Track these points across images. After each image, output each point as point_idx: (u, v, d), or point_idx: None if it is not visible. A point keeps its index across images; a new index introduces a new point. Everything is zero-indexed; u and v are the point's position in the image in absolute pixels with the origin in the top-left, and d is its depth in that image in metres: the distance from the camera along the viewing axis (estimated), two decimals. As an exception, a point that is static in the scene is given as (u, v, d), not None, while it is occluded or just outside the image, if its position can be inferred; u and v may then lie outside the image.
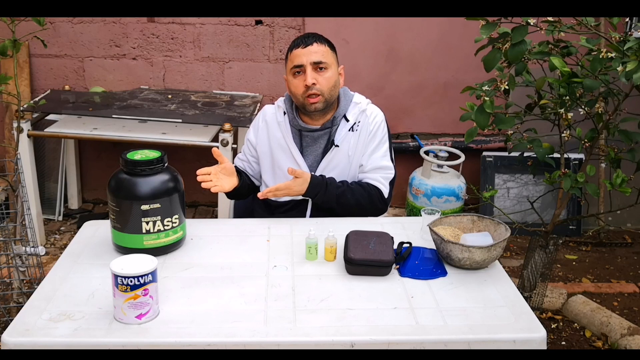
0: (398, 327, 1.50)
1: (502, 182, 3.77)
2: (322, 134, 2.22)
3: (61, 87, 3.82)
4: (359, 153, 2.23)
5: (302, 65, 2.12)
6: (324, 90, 2.12)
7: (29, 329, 1.46)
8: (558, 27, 1.91)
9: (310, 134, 2.22)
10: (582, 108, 2.13)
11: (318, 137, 2.22)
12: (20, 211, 2.49)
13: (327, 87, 2.13)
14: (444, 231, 1.85)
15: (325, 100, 2.14)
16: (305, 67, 2.11)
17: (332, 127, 2.21)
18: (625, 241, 3.67)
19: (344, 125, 2.22)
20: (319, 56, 2.12)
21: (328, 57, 2.14)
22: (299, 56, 2.13)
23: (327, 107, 2.17)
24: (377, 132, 2.24)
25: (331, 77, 2.14)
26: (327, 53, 2.15)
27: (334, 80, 2.15)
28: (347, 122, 2.21)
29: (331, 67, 2.15)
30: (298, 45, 2.14)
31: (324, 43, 2.16)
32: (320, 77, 2.12)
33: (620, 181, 2.07)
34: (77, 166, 3.93)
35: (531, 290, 2.48)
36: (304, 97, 2.13)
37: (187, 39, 3.75)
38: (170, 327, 1.49)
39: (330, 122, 2.21)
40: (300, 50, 2.13)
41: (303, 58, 2.12)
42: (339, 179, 2.22)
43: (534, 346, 1.48)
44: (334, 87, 2.16)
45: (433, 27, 3.68)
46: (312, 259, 1.82)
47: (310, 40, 2.14)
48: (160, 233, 1.79)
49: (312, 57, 2.11)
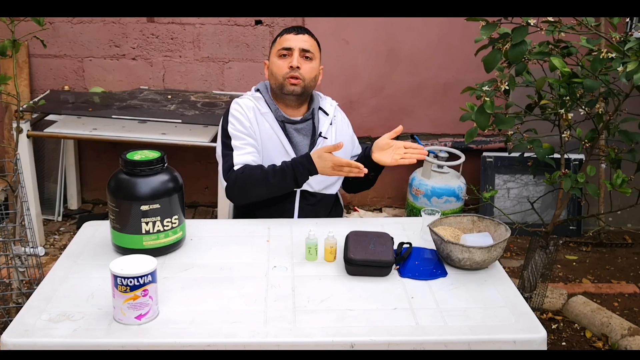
0: (398, 327, 1.50)
1: (502, 183, 3.77)
2: (305, 126, 2.26)
3: (61, 87, 3.82)
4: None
5: (291, 48, 2.18)
6: (305, 77, 2.18)
7: (28, 330, 1.46)
8: (558, 27, 1.91)
9: (293, 126, 2.25)
10: (583, 108, 2.13)
11: (301, 129, 2.26)
12: (20, 211, 2.49)
13: (309, 76, 2.19)
14: (444, 231, 1.85)
15: (304, 86, 2.19)
16: (294, 51, 2.18)
17: (312, 119, 2.27)
18: (625, 242, 3.67)
19: (325, 118, 2.29)
20: (308, 45, 2.20)
21: (315, 51, 2.23)
22: (289, 40, 2.20)
23: (302, 95, 2.21)
24: (349, 125, 2.39)
25: (314, 69, 2.22)
26: (315, 47, 2.24)
27: (315, 73, 2.23)
28: (327, 115, 2.30)
29: (316, 60, 2.23)
30: (290, 31, 2.22)
31: (315, 39, 2.25)
32: (305, 64, 2.19)
33: (621, 181, 2.07)
34: (77, 166, 3.93)
35: (531, 290, 2.48)
36: (285, 77, 2.17)
37: (187, 39, 3.75)
38: (169, 327, 1.48)
39: (310, 114, 2.26)
40: (291, 36, 2.20)
41: (293, 42, 2.19)
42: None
43: (535, 347, 1.48)
44: (314, 79, 2.23)
45: (433, 27, 3.68)
46: (312, 259, 1.82)
47: (303, 30, 2.24)
48: (159, 233, 1.79)
49: (302, 44, 2.19)
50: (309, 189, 2.24)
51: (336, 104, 2.36)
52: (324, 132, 2.26)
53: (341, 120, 2.35)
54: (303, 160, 2.09)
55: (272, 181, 2.09)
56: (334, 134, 2.29)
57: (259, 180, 2.10)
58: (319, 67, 2.25)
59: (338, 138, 2.28)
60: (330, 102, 2.35)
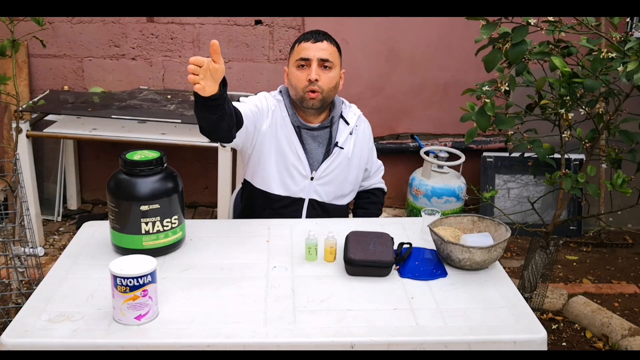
0: (398, 328, 1.50)
1: (502, 183, 3.77)
2: (321, 134, 2.22)
3: (60, 87, 3.81)
4: (357, 156, 2.27)
5: (309, 59, 2.12)
6: (324, 89, 2.12)
7: (27, 330, 1.46)
8: (558, 27, 1.91)
9: (309, 132, 2.21)
10: (583, 108, 2.13)
11: (317, 136, 2.21)
12: (19, 212, 2.48)
13: (328, 87, 2.13)
14: (444, 232, 1.84)
15: (323, 98, 2.14)
16: (312, 62, 2.11)
17: (331, 127, 2.21)
18: (626, 242, 3.67)
19: (344, 127, 2.24)
20: (327, 54, 2.12)
21: (335, 58, 2.15)
22: (307, 49, 2.12)
23: (322, 106, 2.17)
24: (371, 137, 2.36)
25: (334, 78, 2.15)
26: (335, 54, 2.16)
27: (336, 82, 2.17)
28: (347, 124, 2.24)
29: (335, 68, 2.16)
30: (308, 39, 2.14)
31: (334, 44, 2.17)
32: (324, 75, 2.12)
33: (621, 182, 2.07)
34: (76, 167, 3.92)
35: (532, 291, 2.47)
36: (305, 91, 2.12)
37: (187, 39, 3.75)
38: (169, 328, 1.48)
39: (328, 122, 2.21)
40: (309, 44, 2.13)
41: (311, 52, 2.11)
42: (337, 180, 2.24)
43: (535, 347, 1.48)
44: (334, 88, 2.17)
45: (433, 27, 3.68)
46: (312, 259, 1.82)
47: (322, 37, 2.15)
48: (159, 234, 1.78)
49: (320, 54, 2.12)
50: (318, 199, 2.23)
51: (360, 113, 2.30)
52: (341, 141, 2.21)
53: (363, 132, 2.29)
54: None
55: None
56: (352, 145, 2.24)
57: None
58: (339, 74, 2.19)
59: (357, 150, 2.25)
60: (354, 111, 2.29)
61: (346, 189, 2.29)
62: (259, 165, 2.21)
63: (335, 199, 2.27)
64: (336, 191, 2.25)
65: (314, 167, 2.22)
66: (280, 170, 2.20)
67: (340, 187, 2.26)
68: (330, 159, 2.21)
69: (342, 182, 2.26)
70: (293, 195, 2.22)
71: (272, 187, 2.21)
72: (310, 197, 2.23)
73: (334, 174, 2.23)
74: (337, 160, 2.22)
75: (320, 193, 2.23)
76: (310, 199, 2.23)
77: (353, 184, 2.31)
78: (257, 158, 2.21)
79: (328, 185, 2.23)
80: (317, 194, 2.23)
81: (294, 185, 2.21)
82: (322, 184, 2.23)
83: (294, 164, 2.19)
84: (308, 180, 2.21)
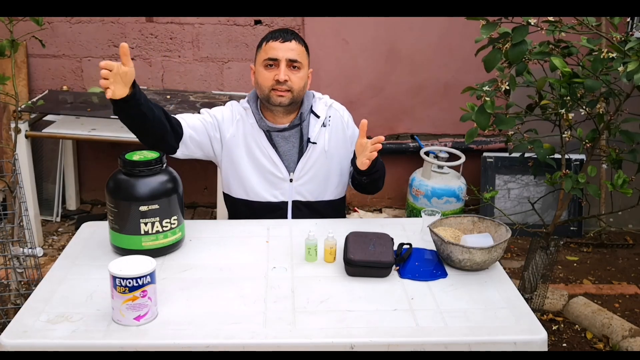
0: (398, 328, 1.49)
1: (502, 183, 3.77)
2: (293, 133, 2.19)
3: (59, 87, 3.81)
4: (335, 147, 2.22)
5: (277, 59, 2.10)
6: (294, 88, 2.11)
7: (26, 331, 1.46)
8: (559, 27, 1.91)
9: (279, 134, 2.19)
10: (583, 108, 2.13)
11: (289, 136, 2.19)
12: (18, 212, 2.48)
13: (298, 86, 2.12)
14: (444, 232, 1.84)
15: (292, 97, 2.12)
16: (280, 62, 2.10)
17: (301, 124, 2.19)
18: (626, 242, 3.67)
19: (316, 121, 2.20)
20: (296, 54, 2.11)
21: (303, 58, 2.14)
22: (275, 49, 2.10)
23: (291, 105, 2.15)
24: (350, 121, 2.27)
25: (302, 78, 2.14)
26: (303, 54, 2.15)
27: (305, 81, 2.16)
28: (318, 117, 2.20)
29: (304, 68, 2.14)
30: (277, 38, 2.12)
31: (302, 44, 2.15)
32: (293, 75, 2.11)
33: (622, 182, 2.07)
34: (75, 167, 3.92)
35: (532, 291, 2.47)
36: (270, 89, 2.11)
37: (186, 39, 3.74)
38: (168, 328, 1.48)
39: (298, 119, 2.19)
40: (277, 44, 2.11)
41: (280, 52, 2.10)
42: (318, 176, 2.21)
43: (535, 348, 1.48)
44: (303, 87, 2.16)
45: (433, 27, 3.67)
46: (311, 260, 1.81)
47: (290, 36, 2.13)
48: (158, 234, 1.78)
49: (289, 54, 2.10)
50: (301, 199, 2.21)
51: (330, 103, 2.25)
52: (314, 137, 2.18)
53: (336, 121, 2.23)
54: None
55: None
56: (326, 138, 2.20)
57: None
58: (307, 74, 2.17)
59: (333, 141, 2.21)
60: (326, 101, 2.25)
61: (332, 183, 2.24)
62: (236, 175, 2.21)
63: (320, 196, 2.23)
64: (320, 188, 2.22)
65: (291, 169, 2.19)
66: (258, 177, 2.19)
67: (324, 182, 2.23)
68: (305, 157, 2.19)
69: (325, 177, 2.22)
70: (275, 199, 2.20)
71: (251, 195, 2.20)
72: (293, 199, 2.21)
73: (313, 171, 2.20)
74: (312, 156, 2.19)
75: (303, 193, 2.21)
76: (294, 200, 2.21)
77: (339, 176, 2.25)
78: (229, 168, 2.21)
79: (309, 183, 2.21)
80: (300, 194, 2.21)
81: (275, 190, 2.20)
82: (303, 184, 2.20)
83: (269, 170, 2.17)
84: (287, 182, 2.19)
